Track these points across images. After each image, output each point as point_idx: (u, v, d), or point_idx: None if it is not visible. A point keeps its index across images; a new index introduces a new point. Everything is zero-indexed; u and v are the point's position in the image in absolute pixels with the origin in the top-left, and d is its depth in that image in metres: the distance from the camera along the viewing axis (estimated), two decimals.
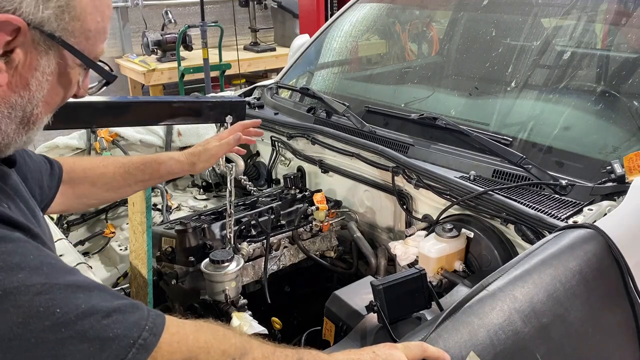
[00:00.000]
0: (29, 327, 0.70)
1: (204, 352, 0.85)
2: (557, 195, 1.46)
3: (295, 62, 2.76)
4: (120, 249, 2.19)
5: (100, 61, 0.94)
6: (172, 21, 5.33)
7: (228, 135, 1.55)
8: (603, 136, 1.66)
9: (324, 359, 0.92)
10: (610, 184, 1.40)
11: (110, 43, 5.49)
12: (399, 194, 1.80)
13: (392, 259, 1.72)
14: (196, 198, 2.54)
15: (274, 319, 1.58)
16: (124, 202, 2.35)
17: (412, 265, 1.52)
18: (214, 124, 2.16)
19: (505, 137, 1.70)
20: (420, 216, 1.75)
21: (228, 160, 1.73)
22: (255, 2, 5.89)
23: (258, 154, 2.52)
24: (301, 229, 1.88)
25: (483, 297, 1.03)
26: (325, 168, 2.10)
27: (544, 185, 1.51)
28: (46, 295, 0.72)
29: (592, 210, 1.32)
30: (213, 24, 4.70)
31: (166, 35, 5.12)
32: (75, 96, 0.95)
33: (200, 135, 2.50)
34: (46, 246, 0.84)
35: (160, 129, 2.46)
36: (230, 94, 2.91)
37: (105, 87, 1.00)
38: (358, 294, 1.29)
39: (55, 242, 1.55)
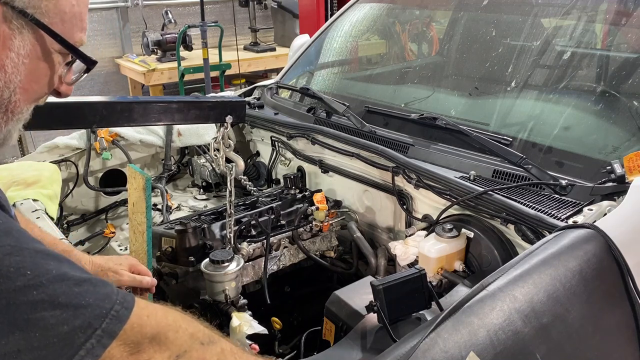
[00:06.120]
0: None
1: (172, 330, 0.84)
2: (557, 195, 1.46)
3: (295, 62, 2.76)
4: (120, 249, 2.19)
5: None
6: (172, 21, 5.32)
7: (144, 274, 1.45)
8: (603, 136, 1.66)
9: None
10: (610, 184, 1.40)
11: (110, 43, 5.49)
12: (399, 194, 1.80)
13: (392, 259, 1.72)
14: (196, 198, 2.54)
15: (274, 319, 1.58)
16: (124, 202, 2.35)
17: (412, 265, 1.52)
18: (214, 124, 2.16)
19: (505, 137, 1.70)
20: (420, 216, 1.75)
21: (228, 160, 1.73)
22: (255, 2, 5.88)
23: (258, 154, 2.52)
24: (301, 229, 1.87)
25: (483, 297, 1.03)
26: (325, 168, 2.10)
27: (544, 185, 1.51)
28: (16, 256, 0.71)
29: (592, 210, 1.32)
30: (213, 24, 4.69)
31: (166, 35, 5.11)
32: (58, 93, 0.91)
33: (200, 135, 2.50)
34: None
35: (160, 129, 2.45)
36: (230, 94, 2.91)
37: (86, 74, 0.94)
38: (358, 294, 1.29)
39: None
